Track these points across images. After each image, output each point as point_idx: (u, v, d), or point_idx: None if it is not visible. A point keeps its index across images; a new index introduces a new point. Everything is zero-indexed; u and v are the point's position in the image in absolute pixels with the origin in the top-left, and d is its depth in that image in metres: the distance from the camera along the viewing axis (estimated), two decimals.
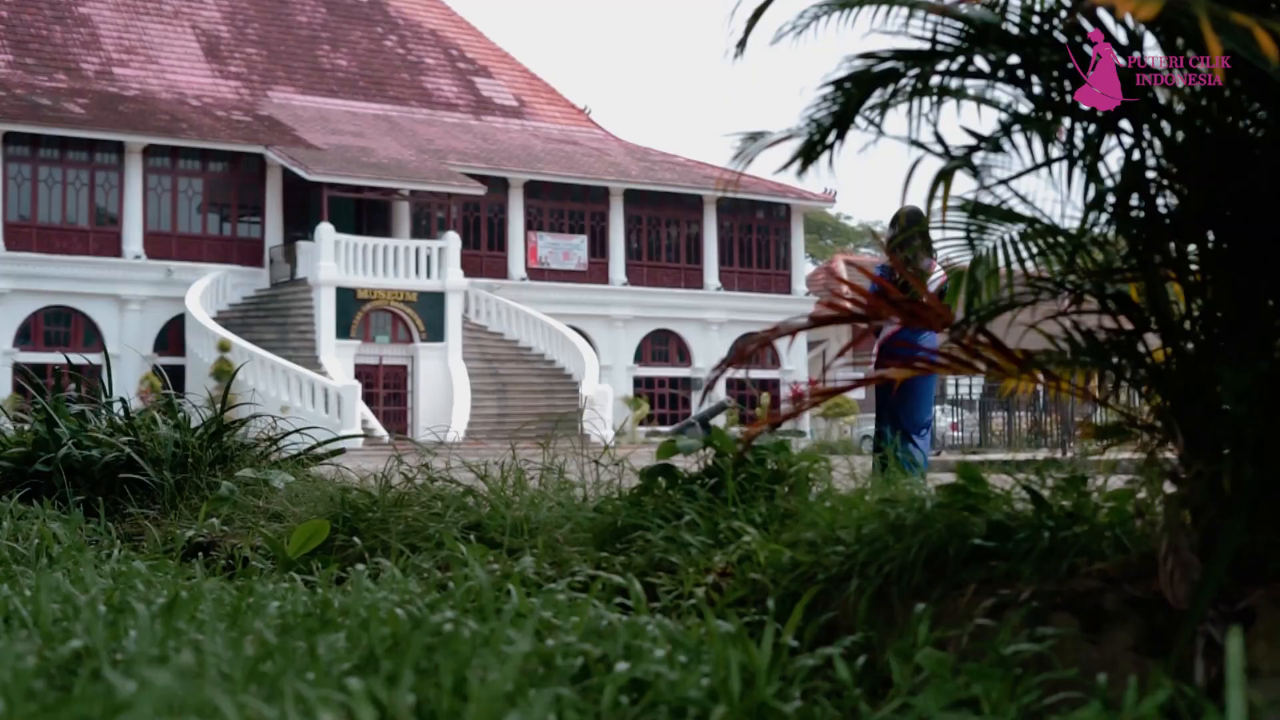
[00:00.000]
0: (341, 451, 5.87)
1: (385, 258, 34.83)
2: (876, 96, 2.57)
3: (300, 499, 5.07)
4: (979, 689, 2.17)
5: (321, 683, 1.90)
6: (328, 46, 42.49)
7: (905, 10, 2.63)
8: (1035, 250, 2.64)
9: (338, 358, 33.56)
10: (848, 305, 2.65)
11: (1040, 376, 2.65)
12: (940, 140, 2.64)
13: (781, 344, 42.01)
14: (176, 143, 35.10)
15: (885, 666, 2.60)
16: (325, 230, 33.93)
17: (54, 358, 33.79)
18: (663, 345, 40.80)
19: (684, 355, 41.00)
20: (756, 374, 41.82)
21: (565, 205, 39.80)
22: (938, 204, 2.83)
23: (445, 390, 34.26)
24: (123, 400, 6.16)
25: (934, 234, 2.82)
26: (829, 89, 2.61)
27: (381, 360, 34.87)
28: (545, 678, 2.19)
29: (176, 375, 34.12)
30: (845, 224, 68.38)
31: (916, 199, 6.83)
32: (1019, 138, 2.66)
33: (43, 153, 33.99)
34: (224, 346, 31.91)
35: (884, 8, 2.60)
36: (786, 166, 2.56)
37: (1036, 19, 2.65)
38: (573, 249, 39.69)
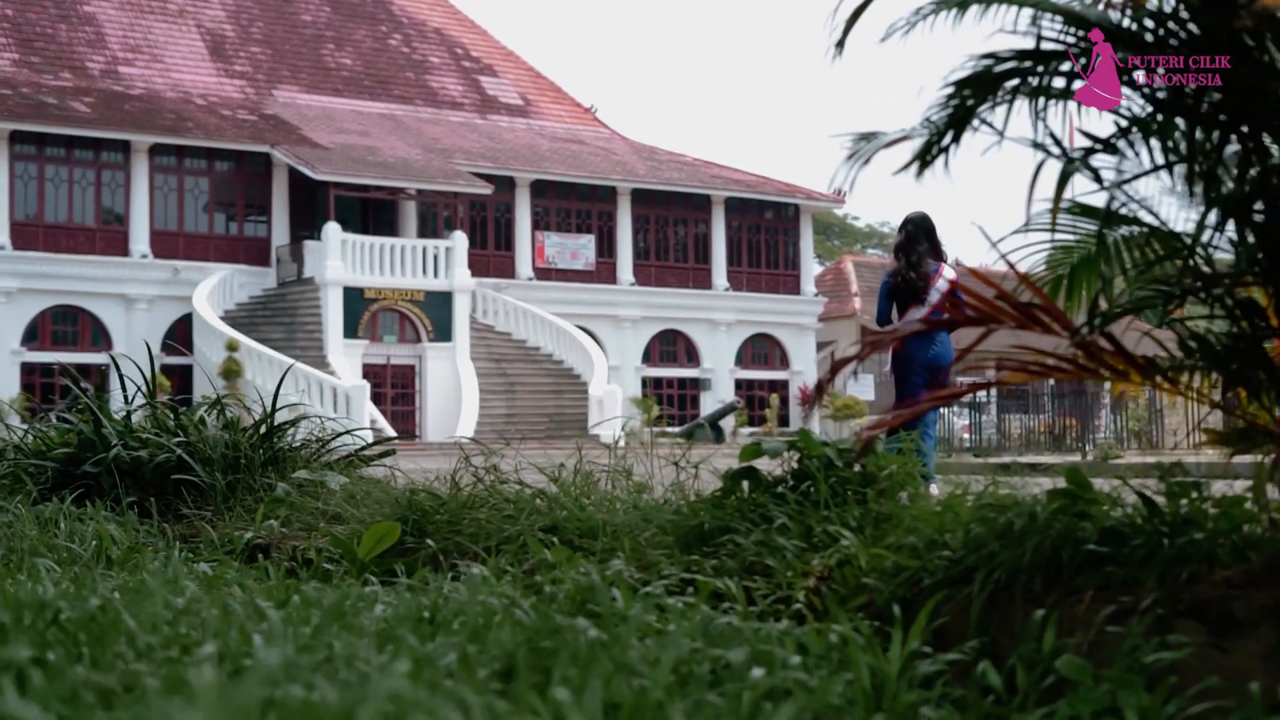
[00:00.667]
0: (392, 453, 5.85)
1: (392, 257, 34.81)
2: (996, 97, 2.55)
3: (358, 501, 5.04)
4: (1126, 698, 2.14)
5: (478, 689, 1.87)
6: (332, 45, 42.47)
7: (1019, 9, 2.61)
8: (1154, 255, 2.62)
9: (345, 357, 33.52)
10: (967, 310, 2.62)
11: (1161, 382, 2.62)
12: (1057, 142, 2.62)
13: (791, 344, 41.99)
14: (183, 142, 35.08)
15: (1002, 672, 2.58)
16: (332, 229, 33.90)
17: (62, 357, 33.76)
18: (671, 346, 40.78)
19: (692, 355, 40.97)
20: (765, 374, 41.80)
21: (572, 205, 39.78)
22: (1038, 205, 2.81)
23: (453, 390, 34.22)
24: (177, 401, 6.14)
25: (1044, 235, 2.80)
26: (948, 90, 2.59)
27: (389, 360, 34.84)
28: (682, 684, 2.17)
29: (184, 375, 34.10)
30: (852, 224, 68.36)
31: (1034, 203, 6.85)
32: (1136, 139, 2.65)
33: (49, 151, 33.96)
34: (232, 346, 31.87)
35: (1005, 7, 2.58)
36: (905, 169, 2.54)
37: (1151, 23, 2.63)
38: (580, 249, 39.67)
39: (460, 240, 35.44)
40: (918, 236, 8.66)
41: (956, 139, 2.61)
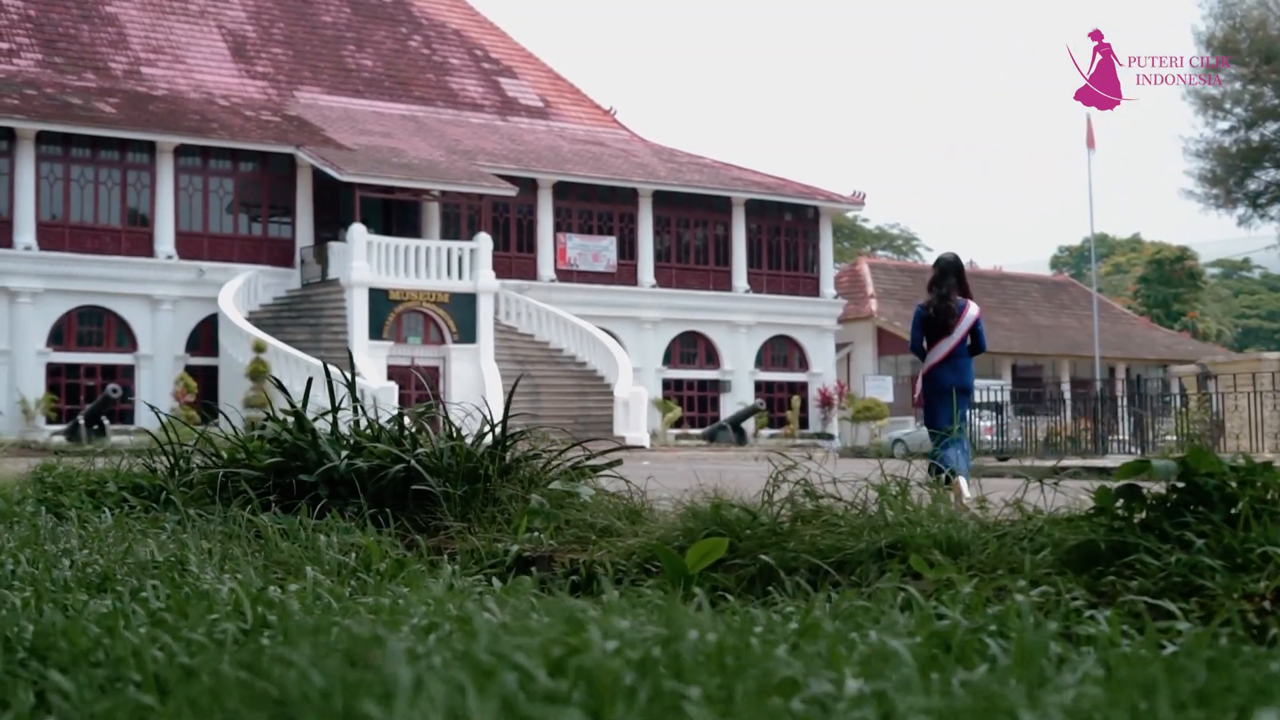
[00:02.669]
0: (619, 463, 5.79)
1: (417, 259, 34.74)
2: None
3: (613, 511, 4.99)
4: None
5: None
6: (353, 46, 42.37)
7: None
8: None
9: (371, 359, 33.42)
10: None
11: None
12: None
13: (810, 346, 41.99)
14: (207, 143, 34.98)
15: None
16: (358, 231, 33.82)
17: (87, 358, 33.63)
18: (691, 347, 40.75)
19: (712, 357, 40.96)
20: (785, 376, 41.79)
21: (594, 206, 39.74)
22: None
23: (477, 391, 34.07)
24: (401, 412, 6.07)
25: None
26: None
27: (414, 361, 34.72)
28: None
29: (210, 376, 33.98)
30: (863, 226, 68.40)
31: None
32: None
33: (74, 152, 33.82)
34: (259, 347, 31.77)
35: None
36: None
37: None
38: (602, 250, 39.62)
39: (484, 242, 35.37)
40: (947, 274, 9.61)
41: None
